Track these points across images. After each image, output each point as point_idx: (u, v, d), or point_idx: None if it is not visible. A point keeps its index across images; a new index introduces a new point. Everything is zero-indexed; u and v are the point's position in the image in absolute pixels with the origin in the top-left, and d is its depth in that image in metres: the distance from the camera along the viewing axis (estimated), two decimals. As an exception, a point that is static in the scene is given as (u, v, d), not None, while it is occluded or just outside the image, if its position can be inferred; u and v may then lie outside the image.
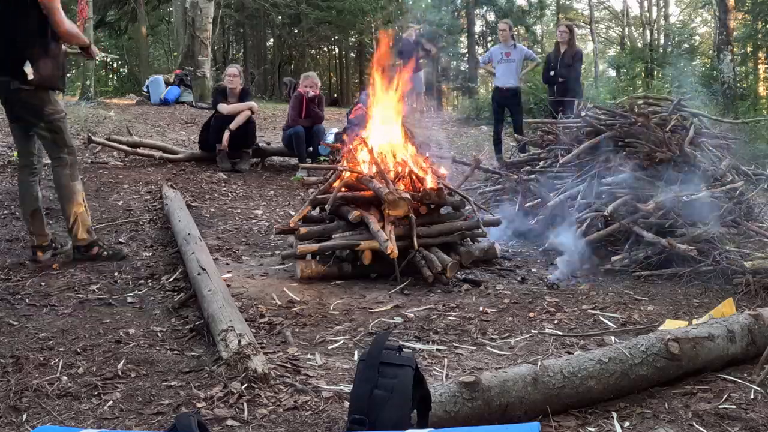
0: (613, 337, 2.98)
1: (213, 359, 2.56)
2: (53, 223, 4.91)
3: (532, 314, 3.35)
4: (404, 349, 2.01)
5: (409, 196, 4.03)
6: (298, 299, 3.55)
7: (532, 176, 5.50)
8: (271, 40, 29.98)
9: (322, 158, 7.48)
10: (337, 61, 33.43)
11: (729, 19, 12.21)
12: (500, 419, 2.09)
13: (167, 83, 13.41)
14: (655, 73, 19.83)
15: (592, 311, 3.41)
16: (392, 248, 3.76)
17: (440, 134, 10.55)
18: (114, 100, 14.64)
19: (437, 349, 2.86)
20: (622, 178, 4.62)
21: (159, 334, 2.95)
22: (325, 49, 32.93)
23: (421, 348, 2.87)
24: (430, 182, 4.33)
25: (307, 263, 3.98)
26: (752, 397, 2.29)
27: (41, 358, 2.56)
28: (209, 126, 7.35)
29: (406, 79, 4.79)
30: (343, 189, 4.26)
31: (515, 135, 7.59)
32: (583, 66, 9.26)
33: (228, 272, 3.98)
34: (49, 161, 4.05)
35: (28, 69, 3.66)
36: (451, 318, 3.28)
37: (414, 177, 4.38)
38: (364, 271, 4.00)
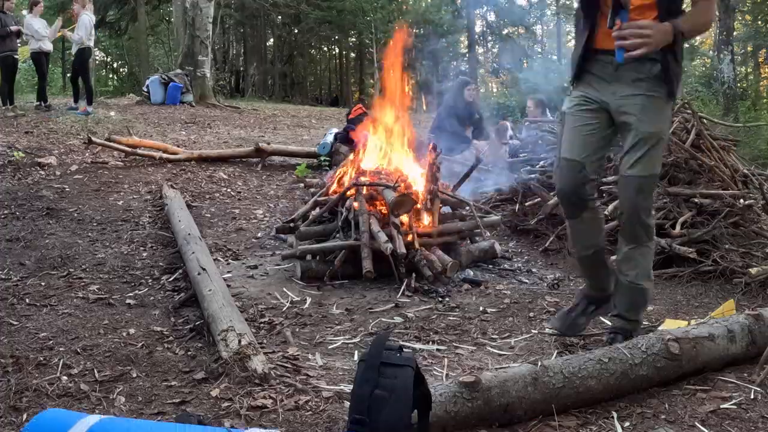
0: (613, 337, 2.98)
1: (213, 359, 2.56)
2: (53, 223, 4.91)
3: (532, 314, 3.35)
4: (404, 350, 2.01)
5: (413, 194, 4.05)
6: (298, 299, 3.55)
7: (532, 176, 5.50)
8: (271, 40, 30.00)
9: (322, 158, 7.49)
10: (337, 61, 33.45)
11: (729, 19, 12.21)
12: (500, 419, 2.10)
13: (165, 84, 13.39)
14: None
15: (592, 311, 3.40)
16: (393, 249, 3.75)
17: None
18: (114, 100, 14.65)
19: (437, 349, 2.86)
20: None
21: (159, 334, 2.95)
22: (325, 49, 32.95)
23: (422, 348, 2.87)
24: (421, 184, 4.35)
25: (307, 263, 3.98)
26: (752, 397, 2.29)
27: (41, 358, 2.56)
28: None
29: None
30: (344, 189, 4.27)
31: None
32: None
33: (228, 272, 3.98)
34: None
35: None
36: (451, 318, 3.28)
37: (411, 179, 4.39)
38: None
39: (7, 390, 2.29)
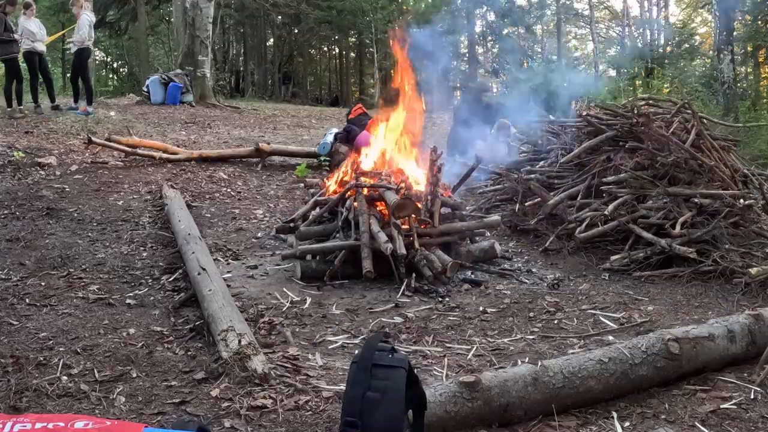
0: (611, 337, 2.98)
1: (213, 359, 2.56)
2: (53, 223, 4.91)
3: (532, 314, 3.35)
4: (397, 351, 2.00)
5: (414, 198, 4.05)
6: (298, 299, 3.55)
7: (532, 176, 5.49)
8: (271, 40, 29.99)
9: (322, 158, 7.48)
10: (337, 61, 33.43)
11: (729, 19, 12.19)
12: (500, 419, 2.09)
13: (165, 84, 13.37)
14: (655, 73, 19.83)
15: (592, 311, 3.41)
16: (393, 249, 3.75)
17: (439, 134, 10.54)
18: (114, 100, 14.64)
19: (437, 349, 2.86)
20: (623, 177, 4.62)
21: (159, 334, 2.95)
22: (325, 49, 32.94)
23: (422, 348, 2.87)
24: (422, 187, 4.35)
25: (307, 263, 3.98)
26: (752, 397, 2.29)
27: (41, 358, 2.56)
28: None
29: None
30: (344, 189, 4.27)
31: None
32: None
33: (228, 272, 3.98)
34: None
35: None
36: (451, 318, 3.28)
37: (412, 182, 4.40)
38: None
39: (7, 390, 2.29)
